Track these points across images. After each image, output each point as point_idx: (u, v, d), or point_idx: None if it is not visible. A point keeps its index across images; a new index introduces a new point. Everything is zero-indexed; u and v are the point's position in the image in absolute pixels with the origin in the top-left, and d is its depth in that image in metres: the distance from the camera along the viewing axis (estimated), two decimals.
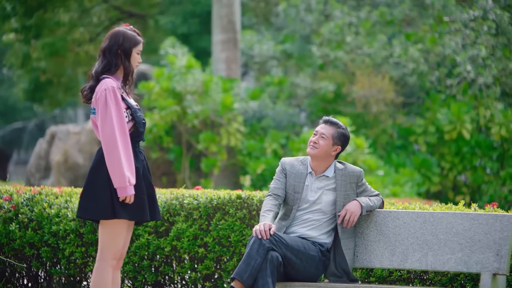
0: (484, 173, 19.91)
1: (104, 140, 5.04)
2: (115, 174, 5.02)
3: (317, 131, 5.82)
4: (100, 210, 5.09)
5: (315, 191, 5.76)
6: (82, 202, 5.19)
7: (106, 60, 5.15)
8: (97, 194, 5.08)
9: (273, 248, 5.45)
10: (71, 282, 7.83)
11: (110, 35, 5.19)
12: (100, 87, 5.10)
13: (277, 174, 5.86)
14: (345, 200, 5.74)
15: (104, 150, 5.05)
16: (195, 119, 19.15)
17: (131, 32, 5.21)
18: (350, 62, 21.01)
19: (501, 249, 5.22)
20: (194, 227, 7.32)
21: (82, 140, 21.10)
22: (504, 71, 19.80)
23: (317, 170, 5.81)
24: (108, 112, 5.01)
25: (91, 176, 5.14)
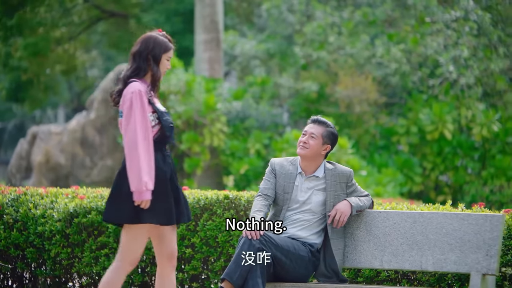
0: (466, 173, 20.02)
1: (126, 143, 5.03)
2: (133, 178, 5.00)
3: (306, 131, 5.81)
4: (126, 214, 5.05)
5: (305, 191, 5.75)
6: (108, 206, 5.15)
7: (136, 64, 5.15)
8: (123, 198, 5.04)
9: (263, 249, 5.43)
10: (56, 283, 7.78)
11: (141, 40, 5.20)
12: (128, 90, 5.09)
13: (266, 175, 5.85)
14: (335, 200, 5.73)
15: (126, 154, 5.03)
16: (178, 119, 19.10)
17: (163, 38, 5.22)
18: (333, 62, 21.05)
19: (490, 249, 5.24)
20: (181, 227, 7.29)
21: (64, 140, 20.99)
22: (485, 71, 19.92)
23: (307, 170, 5.80)
24: (132, 116, 5.02)
25: (118, 180, 5.12)
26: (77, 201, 7.64)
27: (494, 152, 19.95)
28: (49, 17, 24.74)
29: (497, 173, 19.49)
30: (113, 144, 20.60)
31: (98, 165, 20.74)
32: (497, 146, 19.98)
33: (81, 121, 21.02)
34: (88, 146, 20.89)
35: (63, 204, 7.65)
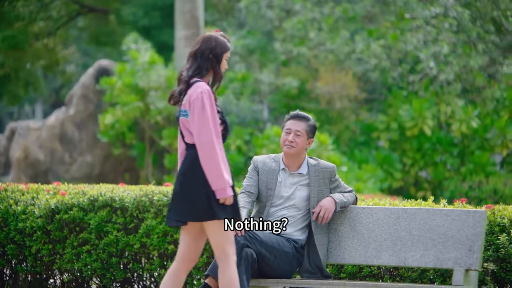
0: (445, 169, 20.12)
1: (202, 143, 4.99)
2: (214, 177, 4.98)
3: (290, 129, 5.77)
4: (200, 213, 5.03)
5: (289, 186, 5.75)
6: (178, 207, 5.10)
7: (197, 63, 5.13)
8: (193, 197, 5.02)
9: (248, 245, 5.43)
10: (37, 279, 7.74)
11: (202, 39, 5.20)
12: (196, 90, 5.06)
13: (249, 172, 5.84)
14: (318, 196, 5.73)
15: (202, 153, 4.99)
16: (158, 115, 19.05)
17: (222, 38, 5.22)
18: (313, 58, 21.07)
19: (473, 245, 5.26)
20: (164, 223, 7.27)
21: (43, 136, 20.87)
22: (464, 68, 20.01)
23: (291, 166, 5.80)
24: (205, 115, 5.00)
25: (186, 180, 5.07)
26: (59, 198, 7.60)
27: (473, 148, 20.06)
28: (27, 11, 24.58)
29: (476, 169, 19.60)
30: (93, 140, 20.51)
31: (77, 161, 20.64)
32: (476, 142, 20.09)
33: (60, 117, 20.92)
34: (67, 142, 20.79)
35: (44, 201, 7.61)
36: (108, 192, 7.55)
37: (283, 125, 5.86)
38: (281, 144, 5.81)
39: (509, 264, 6.52)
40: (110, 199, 7.46)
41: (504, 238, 6.50)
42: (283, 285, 5.60)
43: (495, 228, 6.59)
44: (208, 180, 5.00)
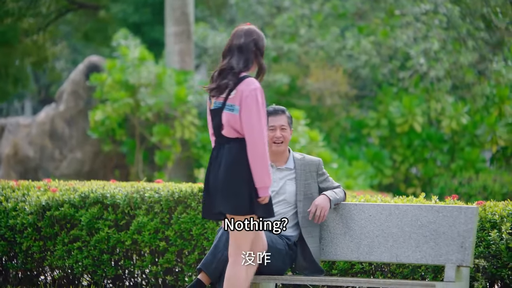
0: (435, 165, 20.17)
1: (254, 140, 4.96)
2: (261, 175, 4.97)
3: (274, 125, 5.73)
4: (241, 206, 5.00)
5: (277, 181, 5.74)
6: (219, 199, 5.04)
7: (244, 57, 5.06)
8: (236, 190, 4.99)
9: None
10: (28, 276, 7.72)
11: (244, 32, 5.13)
12: (248, 86, 5.01)
13: None
14: (305, 189, 5.73)
15: (253, 150, 4.96)
16: (148, 111, 19.03)
17: (260, 31, 5.23)
18: (303, 54, 21.08)
19: (465, 241, 5.27)
20: (155, 220, 7.26)
21: (33, 132, 20.81)
22: (455, 64, 20.06)
23: (277, 161, 5.78)
24: (261, 114, 4.99)
25: (230, 173, 5.03)
26: (50, 194, 7.58)
27: (463, 145, 20.12)
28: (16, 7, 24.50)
29: (466, 166, 19.66)
30: (83, 136, 20.46)
31: (67, 157, 20.59)
32: (465, 139, 20.15)
33: (50, 113, 20.86)
34: (57, 138, 20.73)
35: (35, 197, 7.59)
36: (99, 188, 7.54)
37: None
38: (269, 142, 5.72)
39: (500, 260, 6.54)
40: (101, 195, 7.45)
41: (495, 234, 6.51)
42: (275, 281, 5.60)
43: (486, 224, 6.61)
44: (253, 176, 4.98)
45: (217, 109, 5.11)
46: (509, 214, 6.61)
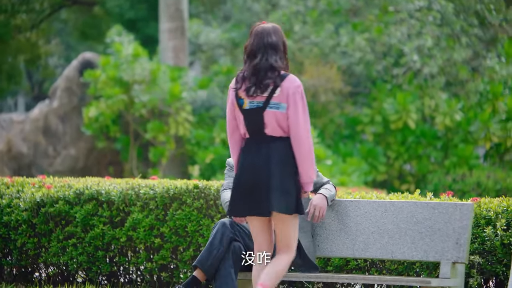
0: (429, 162, 20.19)
1: (301, 136, 4.94)
2: (309, 169, 4.96)
3: None
4: (293, 205, 4.97)
5: None
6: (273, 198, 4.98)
7: (279, 54, 5.03)
8: (288, 189, 4.96)
9: (236, 239, 5.43)
10: (23, 273, 7.71)
11: (273, 30, 5.08)
12: (292, 83, 4.99)
13: (227, 174, 5.78)
14: None
15: (302, 146, 4.94)
16: (142, 108, 19.01)
17: None
18: (298, 51, 21.08)
19: (460, 237, 5.28)
20: (150, 217, 7.26)
21: (26, 129, 20.77)
22: (448, 61, 20.09)
23: None
24: (305, 110, 5.01)
25: (281, 172, 4.99)
26: (44, 191, 7.57)
27: (456, 141, 20.15)
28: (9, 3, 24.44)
29: (460, 162, 19.69)
30: (77, 133, 20.43)
31: (61, 154, 20.56)
32: (459, 135, 20.18)
33: (44, 110, 20.82)
34: (51, 135, 20.70)
35: (29, 194, 7.58)
36: (94, 185, 7.53)
37: None
38: None
39: (495, 256, 6.56)
40: (96, 192, 7.44)
41: (489, 231, 6.53)
42: None
43: (481, 221, 6.62)
44: (300, 172, 4.98)
45: (255, 109, 5.01)
46: (504, 210, 6.62)
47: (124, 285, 7.47)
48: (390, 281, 5.24)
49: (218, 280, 5.37)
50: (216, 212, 7.22)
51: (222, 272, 5.34)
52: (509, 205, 6.65)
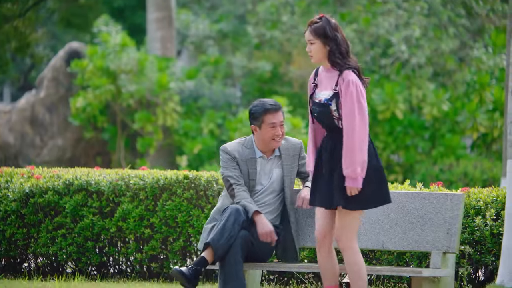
0: (416, 152, 20.24)
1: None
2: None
3: (275, 123, 5.57)
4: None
5: (268, 173, 5.71)
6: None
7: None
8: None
9: (244, 227, 5.43)
10: (12, 263, 7.69)
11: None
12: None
13: (228, 162, 5.64)
14: (291, 174, 5.71)
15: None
16: (130, 98, 18.95)
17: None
18: (286, 41, 21.06)
19: (451, 227, 5.30)
20: (140, 207, 7.26)
21: (13, 119, 20.67)
22: (436, 51, 20.12)
23: (267, 151, 5.74)
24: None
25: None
26: (33, 181, 7.55)
27: (443, 131, 20.20)
28: None
29: (447, 152, 19.75)
30: (64, 123, 20.35)
31: (48, 144, 20.48)
32: (446, 125, 20.23)
33: (31, 100, 20.72)
34: (37, 125, 20.61)
35: (18, 184, 7.56)
36: (83, 175, 7.51)
37: (260, 119, 5.61)
38: (269, 139, 5.62)
39: (484, 246, 6.59)
40: (85, 182, 7.42)
41: (479, 220, 6.56)
42: (261, 268, 5.60)
43: (471, 211, 6.66)
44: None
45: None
46: (493, 200, 6.66)
47: (114, 276, 7.46)
48: (381, 271, 5.25)
49: (226, 265, 5.34)
50: (206, 202, 7.22)
51: (231, 258, 5.32)
52: (498, 195, 6.69)
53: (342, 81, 5.02)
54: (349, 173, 4.88)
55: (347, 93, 4.97)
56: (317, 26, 5.15)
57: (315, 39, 5.11)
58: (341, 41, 5.12)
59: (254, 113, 5.67)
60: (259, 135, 5.67)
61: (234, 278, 5.31)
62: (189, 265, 5.37)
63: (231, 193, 5.58)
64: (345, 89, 4.98)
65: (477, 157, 19.29)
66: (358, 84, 5.01)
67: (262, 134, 5.65)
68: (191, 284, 5.31)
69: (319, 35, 5.10)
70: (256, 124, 5.67)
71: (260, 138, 5.68)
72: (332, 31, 5.11)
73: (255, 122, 5.67)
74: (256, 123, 5.67)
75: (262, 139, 5.67)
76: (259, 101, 5.73)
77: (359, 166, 4.87)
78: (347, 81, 4.99)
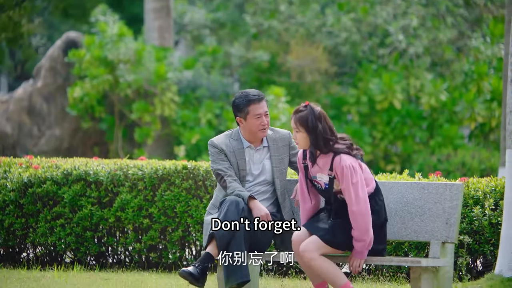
0: (414, 142, 20.24)
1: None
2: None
3: (261, 113, 5.56)
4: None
5: (258, 163, 5.70)
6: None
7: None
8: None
9: (245, 217, 5.41)
10: (10, 253, 7.69)
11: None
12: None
13: (216, 156, 5.64)
14: (280, 165, 5.70)
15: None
16: (127, 88, 18.92)
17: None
18: (284, 31, 21.02)
19: (450, 217, 5.30)
20: (138, 197, 7.25)
21: (10, 109, 20.64)
22: (433, 41, 20.09)
23: (254, 142, 5.72)
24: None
25: None
26: (32, 171, 7.54)
27: (441, 121, 20.20)
28: None
29: (445, 142, 19.75)
30: (61, 113, 20.32)
31: (45, 134, 20.46)
32: (444, 115, 20.23)
33: (28, 90, 20.68)
34: (35, 115, 20.58)
35: (16, 174, 7.55)
36: (82, 166, 7.50)
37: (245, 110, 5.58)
38: (255, 129, 5.61)
39: (483, 236, 6.60)
40: (84, 173, 7.42)
41: (478, 210, 6.56)
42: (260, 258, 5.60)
43: (469, 201, 6.66)
44: None
45: None
46: (492, 190, 6.66)
47: (113, 266, 7.46)
48: (380, 261, 5.25)
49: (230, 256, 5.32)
50: (205, 192, 7.21)
51: (234, 248, 5.31)
52: (497, 185, 6.69)
53: (335, 168, 5.27)
54: (360, 247, 5.22)
55: (343, 179, 5.24)
56: (300, 116, 5.36)
57: (299, 128, 5.34)
58: (322, 130, 5.31)
59: (238, 105, 5.65)
60: (245, 126, 5.65)
61: (238, 268, 5.30)
62: (195, 263, 5.34)
63: (223, 185, 5.59)
64: (341, 175, 5.25)
65: (475, 147, 19.30)
66: (351, 167, 5.25)
67: (248, 125, 5.64)
68: (199, 282, 5.31)
69: (302, 125, 5.33)
70: (241, 116, 5.65)
71: (246, 129, 5.66)
72: (314, 121, 5.30)
73: (240, 114, 5.65)
74: (241, 115, 5.64)
75: (249, 130, 5.65)
76: (242, 92, 5.70)
77: (368, 241, 5.21)
78: (340, 168, 5.24)
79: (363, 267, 6.21)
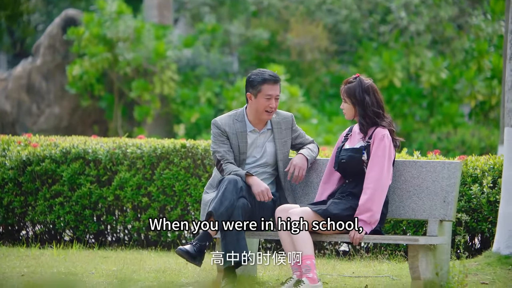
0: (414, 120, 20.23)
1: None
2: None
3: (271, 95, 5.50)
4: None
5: (260, 146, 5.68)
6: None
7: None
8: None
9: (243, 195, 5.40)
10: (9, 231, 7.71)
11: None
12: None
13: (217, 137, 5.61)
14: (283, 148, 5.68)
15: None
16: (127, 66, 18.87)
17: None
18: (283, 9, 20.94)
19: (448, 195, 5.30)
20: (137, 176, 7.25)
21: (9, 87, 20.60)
22: (434, 18, 20.02)
23: (258, 124, 5.69)
24: None
25: None
26: (30, 149, 7.53)
27: (441, 100, 20.18)
28: None
29: (445, 120, 19.74)
30: (61, 91, 20.30)
31: (45, 112, 20.44)
32: (444, 94, 20.20)
33: (27, 67, 20.63)
34: (34, 93, 20.55)
35: (15, 152, 7.54)
36: (80, 144, 7.50)
37: (258, 88, 5.55)
38: (262, 109, 5.57)
39: (481, 214, 6.61)
40: (83, 151, 7.41)
41: (476, 188, 6.57)
42: (259, 237, 5.61)
43: (468, 179, 6.67)
44: None
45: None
46: (490, 168, 6.66)
47: (112, 244, 7.48)
48: (378, 239, 5.26)
49: (228, 234, 5.32)
50: (203, 171, 7.21)
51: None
52: (495, 163, 6.69)
53: (376, 134, 5.33)
54: (367, 218, 5.21)
55: (379, 145, 5.29)
56: (348, 87, 5.47)
57: (346, 98, 5.45)
58: (369, 103, 5.38)
59: (253, 81, 5.62)
60: (253, 104, 5.63)
61: (236, 246, 5.30)
62: (193, 242, 5.33)
63: (220, 168, 5.58)
64: (379, 141, 5.30)
65: (475, 125, 19.29)
66: (390, 141, 5.33)
67: (257, 103, 5.61)
68: (197, 261, 5.31)
69: (348, 96, 5.43)
70: (252, 92, 5.62)
71: (253, 107, 5.63)
72: (361, 94, 5.39)
73: (252, 90, 5.62)
74: (253, 91, 5.62)
75: (256, 108, 5.62)
76: (259, 70, 5.67)
77: (377, 214, 5.21)
78: (381, 135, 5.31)
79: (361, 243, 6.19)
